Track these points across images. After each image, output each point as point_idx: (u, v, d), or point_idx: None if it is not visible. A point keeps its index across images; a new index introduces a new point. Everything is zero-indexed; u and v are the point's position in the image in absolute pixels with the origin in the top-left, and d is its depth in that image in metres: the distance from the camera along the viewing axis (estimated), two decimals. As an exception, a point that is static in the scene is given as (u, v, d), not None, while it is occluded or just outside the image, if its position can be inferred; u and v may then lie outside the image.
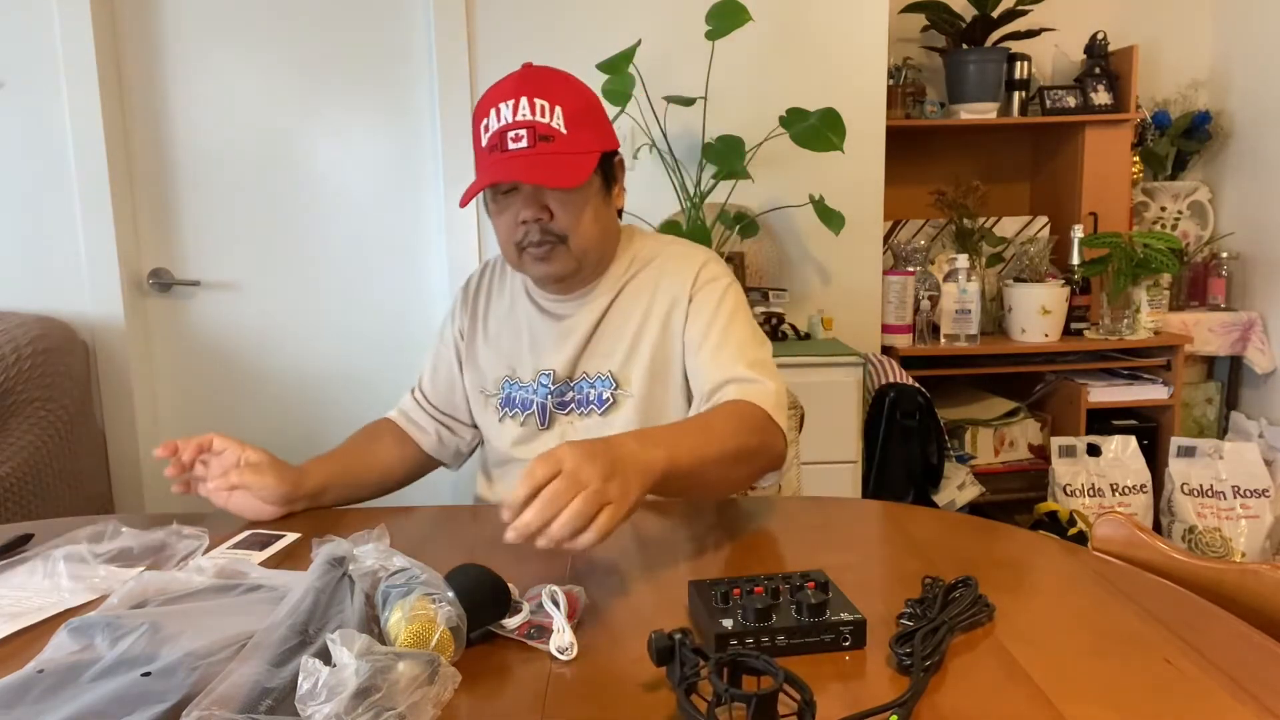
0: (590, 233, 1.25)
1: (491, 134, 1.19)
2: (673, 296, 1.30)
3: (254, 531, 1.14)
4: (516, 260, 1.27)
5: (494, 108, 1.20)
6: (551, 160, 1.18)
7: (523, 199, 1.21)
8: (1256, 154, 2.88)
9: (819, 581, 0.85)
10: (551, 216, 1.22)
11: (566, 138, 1.19)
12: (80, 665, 0.74)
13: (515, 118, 1.18)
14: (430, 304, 2.48)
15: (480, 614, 0.81)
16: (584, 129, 1.21)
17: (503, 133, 1.18)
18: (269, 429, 2.49)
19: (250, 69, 2.37)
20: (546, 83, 1.22)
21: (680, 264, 1.32)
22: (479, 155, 1.23)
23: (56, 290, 2.31)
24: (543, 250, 1.23)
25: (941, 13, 2.72)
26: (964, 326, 2.57)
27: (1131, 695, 0.72)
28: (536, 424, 1.32)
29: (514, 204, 1.22)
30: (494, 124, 1.19)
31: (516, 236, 1.23)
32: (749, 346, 1.27)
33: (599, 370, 1.31)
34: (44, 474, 2.01)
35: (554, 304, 1.34)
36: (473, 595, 0.81)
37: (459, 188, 2.36)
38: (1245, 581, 0.92)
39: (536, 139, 1.17)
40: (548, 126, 1.18)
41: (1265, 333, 2.83)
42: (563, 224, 1.22)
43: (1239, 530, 2.51)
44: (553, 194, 1.21)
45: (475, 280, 1.44)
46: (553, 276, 1.28)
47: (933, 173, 2.88)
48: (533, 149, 1.17)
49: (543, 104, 1.19)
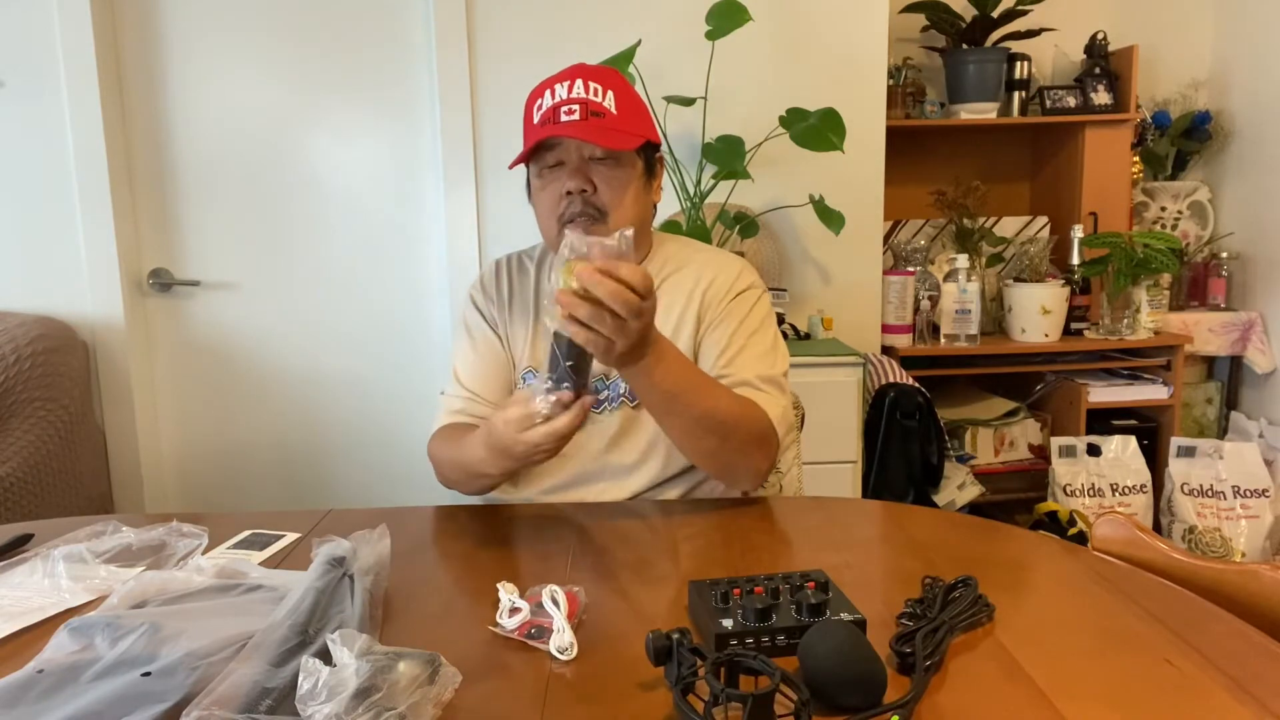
0: (630, 213, 1.28)
1: (544, 110, 1.25)
2: (707, 303, 1.32)
3: (254, 531, 1.14)
4: (554, 236, 1.28)
5: (549, 88, 1.26)
6: (604, 130, 1.22)
7: (568, 170, 1.25)
8: (1256, 154, 2.88)
9: (819, 581, 0.85)
10: (595, 190, 1.25)
11: (616, 116, 1.24)
12: (80, 665, 0.74)
13: (570, 95, 1.24)
14: (430, 304, 2.48)
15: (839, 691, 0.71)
16: (632, 115, 1.27)
17: (556, 107, 1.23)
18: (269, 428, 2.49)
19: (251, 69, 2.37)
20: (601, 73, 1.28)
21: (718, 273, 1.34)
22: (529, 129, 1.28)
23: (56, 290, 2.31)
24: (584, 224, 1.25)
25: (941, 13, 2.72)
26: (964, 326, 2.57)
27: (1131, 695, 0.72)
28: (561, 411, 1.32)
29: (559, 178, 1.26)
30: (547, 102, 1.25)
31: (559, 209, 1.26)
32: (765, 360, 1.29)
33: None
34: (44, 474, 2.01)
35: None
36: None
37: (459, 188, 2.36)
38: (1245, 581, 0.92)
39: (588, 114, 1.22)
40: (599, 105, 1.23)
41: (1265, 333, 2.83)
42: (605, 198, 1.25)
43: (1239, 530, 2.51)
44: (598, 169, 1.25)
45: (493, 276, 1.44)
46: None
47: (933, 173, 2.88)
48: (584, 121, 1.22)
49: (596, 86, 1.24)
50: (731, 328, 1.30)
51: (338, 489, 2.52)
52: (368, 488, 2.52)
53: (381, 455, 2.51)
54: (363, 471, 2.52)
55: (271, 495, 2.51)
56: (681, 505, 1.24)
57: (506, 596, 0.87)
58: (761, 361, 1.28)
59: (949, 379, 2.73)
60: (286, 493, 2.52)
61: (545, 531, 1.15)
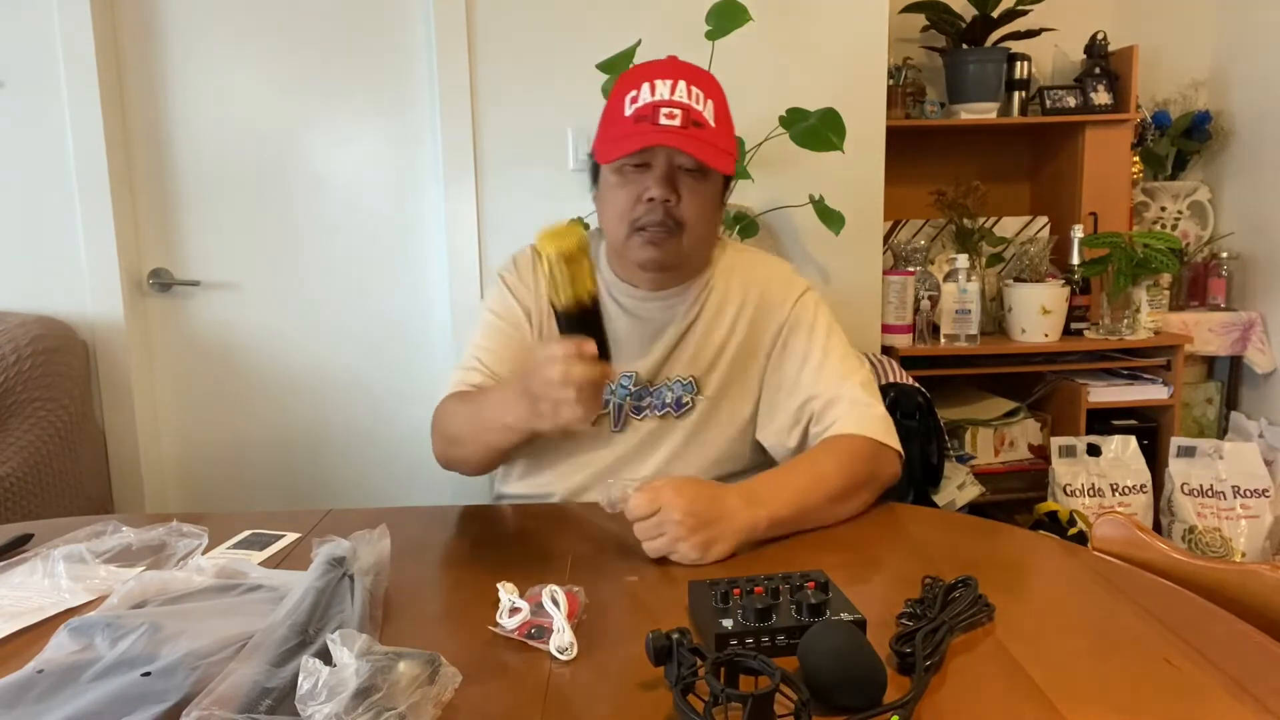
0: (704, 230, 1.26)
1: (642, 105, 1.20)
2: (766, 312, 1.31)
3: (254, 531, 1.14)
4: (623, 239, 1.26)
5: (649, 82, 1.21)
6: (707, 145, 1.20)
7: (656, 177, 1.21)
8: (1256, 154, 2.88)
9: (819, 581, 0.85)
10: (679, 201, 1.22)
11: (714, 131, 1.22)
12: (80, 665, 0.74)
13: (672, 96, 1.20)
14: (430, 304, 2.48)
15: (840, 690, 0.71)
16: (726, 129, 1.25)
17: (656, 106, 1.19)
18: (269, 428, 2.49)
19: (251, 69, 2.37)
20: (703, 78, 1.24)
21: (769, 277, 1.33)
22: (619, 122, 1.23)
23: (56, 290, 2.31)
24: (659, 233, 1.23)
25: (941, 13, 2.72)
26: (964, 326, 2.57)
27: (1131, 695, 0.72)
28: (609, 421, 1.31)
29: (642, 180, 1.22)
30: (646, 97, 1.21)
31: (635, 214, 1.23)
32: (848, 365, 1.28)
33: (679, 374, 1.31)
34: (44, 474, 2.01)
35: (641, 304, 1.33)
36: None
37: (459, 188, 2.36)
38: (1245, 581, 0.92)
39: (690, 122, 1.19)
40: (701, 115, 1.20)
41: (1265, 333, 2.83)
42: (686, 212, 1.23)
43: (1239, 530, 2.51)
44: (685, 180, 1.22)
45: (530, 264, 1.37)
46: (657, 263, 1.26)
47: (933, 173, 2.88)
48: (685, 129, 1.19)
49: (698, 93, 1.22)
50: (805, 337, 1.29)
51: (338, 489, 2.52)
52: (368, 488, 2.52)
53: (381, 455, 2.51)
54: (363, 471, 2.52)
55: (271, 495, 2.51)
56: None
57: (506, 596, 0.87)
58: (846, 368, 1.27)
59: (949, 379, 2.73)
60: (286, 493, 2.52)
61: (545, 531, 1.15)
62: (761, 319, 1.31)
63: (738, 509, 1.04)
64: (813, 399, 1.26)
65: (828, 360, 1.27)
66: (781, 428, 1.30)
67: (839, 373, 1.26)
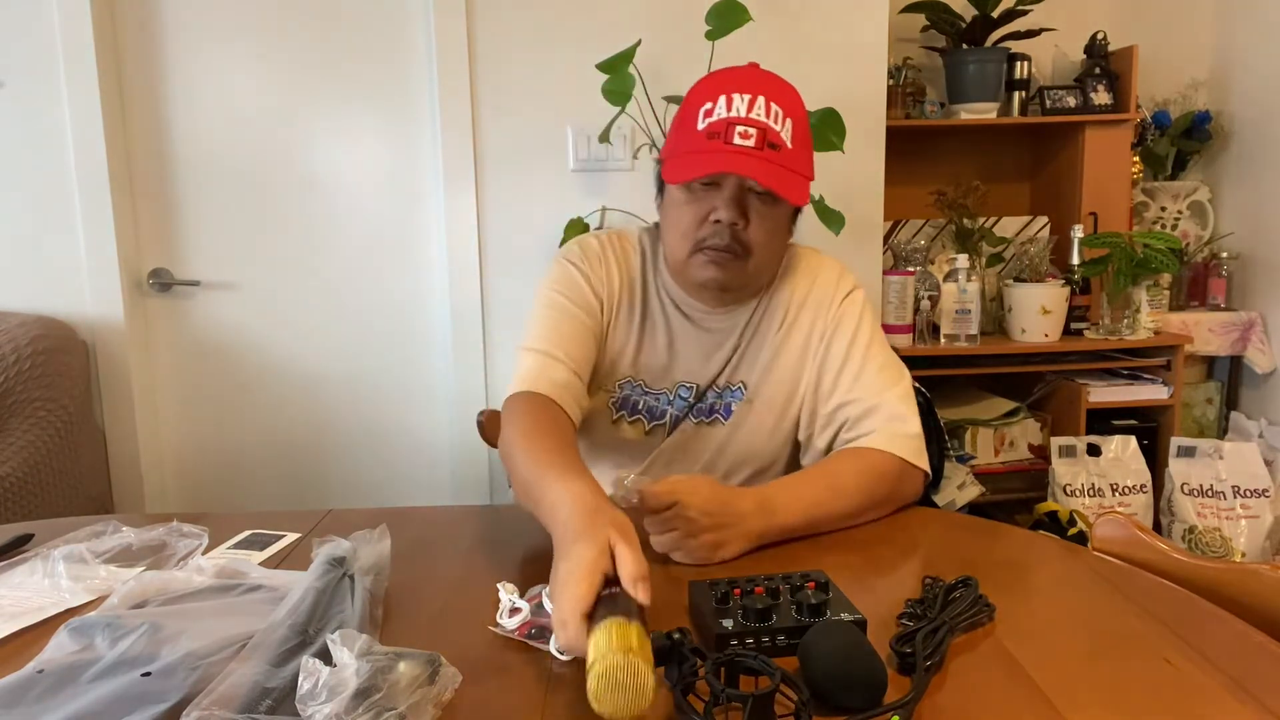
0: (770, 255, 1.22)
1: (715, 120, 1.14)
2: (813, 313, 1.28)
3: (254, 532, 1.14)
4: (684, 257, 1.21)
5: (726, 95, 1.15)
6: (779, 172, 1.13)
7: (725, 198, 1.16)
8: (1256, 154, 2.88)
9: (819, 581, 0.85)
10: (747, 225, 1.17)
11: (791, 153, 1.15)
12: (80, 665, 0.74)
13: (749, 114, 1.13)
14: (430, 303, 2.48)
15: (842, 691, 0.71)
16: (804, 150, 1.18)
17: (730, 124, 1.13)
18: (269, 429, 2.49)
19: (251, 69, 2.37)
20: (784, 92, 1.17)
21: (816, 276, 1.30)
22: (690, 136, 1.17)
23: (56, 290, 2.31)
24: (723, 256, 1.18)
25: (941, 13, 2.71)
26: (964, 326, 2.57)
27: (1131, 695, 0.72)
28: (664, 433, 1.29)
29: (710, 199, 1.17)
30: (722, 111, 1.14)
31: (701, 233, 1.18)
32: (888, 375, 1.24)
33: (733, 380, 1.29)
34: (44, 474, 2.01)
35: (704, 315, 1.29)
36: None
37: (459, 188, 2.36)
38: (1245, 581, 0.92)
39: (765, 144, 1.12)
40: (778, 135, 1.14)
41: (1265, 333, 2.83)
42: (755, 237, 1.18)
43: (1239, 530, 2.51)
44: (755, 202, 1.17)
45: (597, 249, 1.29)
46: (719, 284, 1.21)
47: (933, 173, 2.88)
48: (760, 152, 1.12)
49: (778, 110, 1.15)
50: (846, 341, 1.25)
51: (338, 489, 2.52)
52: (368, 488, 2.52)
53: (381, 455, 2.52)
54: (363, 471, 2.52)
55: (271, 495, 2.51)
56: (682, 505, 1.24)
57: (506, 596, 0.87)
58: (886, 376, 1.23)
59: (949, 379, 2.73)
60: (286, 493, 2.52)
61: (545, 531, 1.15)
62: (808, 320, 1.28)
63: (750, 514, 1.03)
64: (849, 404, 1.22)
65: (867, 366, 1.24)
66: (814, 428, 1.27)
67: (879, 381, 1.22)
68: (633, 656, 0.67)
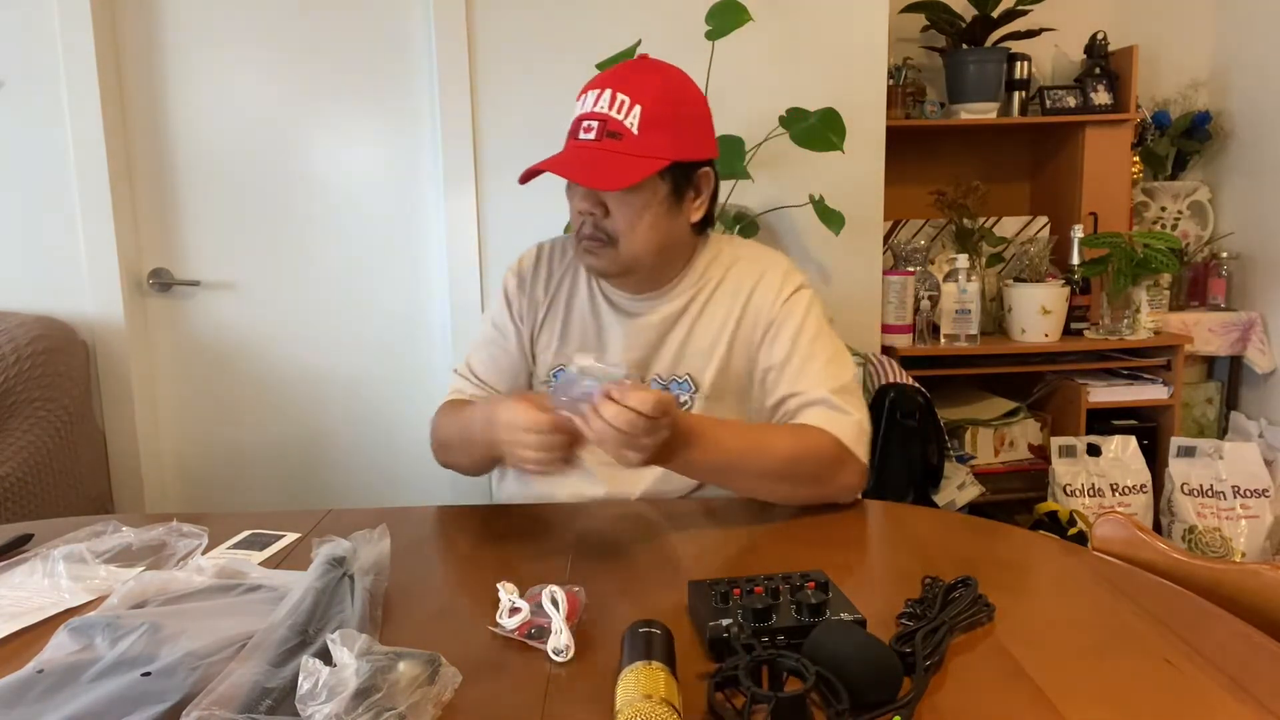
0: (644, 240, 1.22)
1: (574, 119, 1.22)
2: (756, 308, 1.29)
3: (254, 532, 1.14)
4: (576, 247, 1.28)
5: (586, 93, 1.22)
6: (608, 159, 1.16)
7: (580, 191, 1.21)
8: (1256, 154, 2.88)
9: (819, 581, 0.85)
10: (606, 214, 1.21)
11: (636, 139, 1.17)
12: (80, 665, 0.74)
13: (594, 108, 1.19)
14: (430, 304, 2.48)
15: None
16: (659, 133, 1.18)
17: (579, 120, 1.20)
18: (269, 429, 2.49)
19: (251, 69, 2.36)
20: (641, 79, 1.20)
21: (763, 273, 1.30)
22: None
23: (56, 290, 2.31)
24: (593, 244, 1.23)
25: (941, 13, 2.72)
26: (964, 326, 2.57)
27: (1131, 695, 0.72)
28: None
29: (576, 192, 1.23)
30: (579, 109, 1.22)
31: (576, 224, 1.25)
32: (832, 369, 1.25)
33: (676, 373, 1.31)
34: (44, 474, 2.01)
35: (628, 302, 1.32)
36: None
37: (459, 187, 2.36)
38: (1245, 581, 0.92)
39: (604, 134, 1.17)
40: (619, 124, 1.17)
41: (1265, 333, 2.83)
42: (615, 225, 1.21)
43: (1239, 530, 2.51)
44: (610, 194, 1.20)
45: (531, 262, 1.39)
46: (597, 271, 1.28)
47: (933, 173, 2.88)
48: (597, 143, 1.17)
49: (624, 99, 1.18)
50: (790, 336, 1.26)
51: (338, 489, 2.52)
52: (368, 488, 2.52)
53: (381, 455, 2.51)
54: (363, 471, 2.52)
55: (271, 495, 2.51)
56: (682, 505, 1.24)
57: (506, 596, 0.87)
58: (829, 371, 1.24)
59: (949, 379, 2.73)
60: (286, 493, 2.52)
61: (545, 531, 1.15)
62: (752, 316, 1.29)
63: (688, 437, 1.08)
64: (790, 398, 1.24)
65: (810, 363, 1.25)
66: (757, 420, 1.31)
67: (820, 377, 1.23)
68: (657, 704, 0.65)
